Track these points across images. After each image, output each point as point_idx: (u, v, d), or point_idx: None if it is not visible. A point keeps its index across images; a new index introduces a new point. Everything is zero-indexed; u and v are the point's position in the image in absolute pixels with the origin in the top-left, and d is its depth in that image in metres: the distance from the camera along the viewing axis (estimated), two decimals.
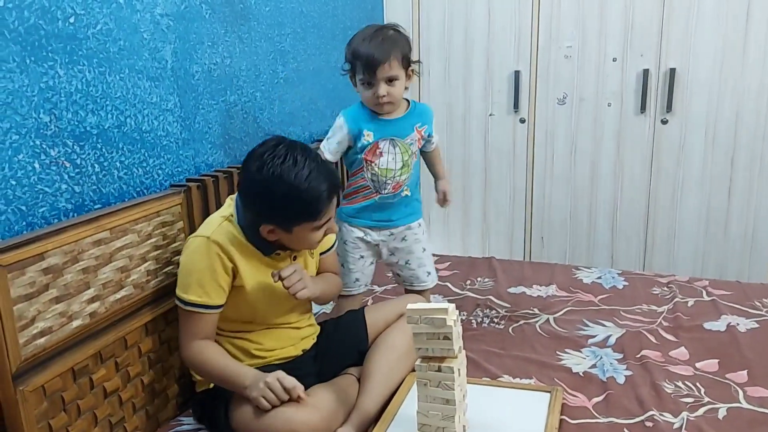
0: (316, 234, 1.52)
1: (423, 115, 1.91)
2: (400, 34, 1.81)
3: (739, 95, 2.82)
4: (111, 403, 1.43)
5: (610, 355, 1.89)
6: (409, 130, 1.87)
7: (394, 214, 1.94)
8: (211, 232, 1.49)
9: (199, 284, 1.47)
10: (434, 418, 1.42)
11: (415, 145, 1.89)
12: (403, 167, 1.87)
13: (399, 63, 1.76)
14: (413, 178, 1.93)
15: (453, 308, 1.41)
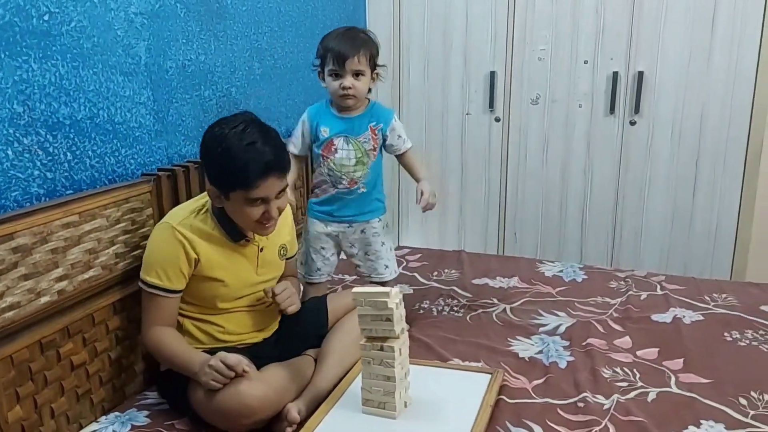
0: (252, 209, 1.55)
1: (380, 116, 2.00)
2: (370, 37, 1.94)
3: (704, 98, 2.92)
4: (78, 375, 1.53)
5: (557, 342, 2.00)
6: (364, 128, 1.97)
7: (352, 210, 2.05)
8: (177, 221, 1.59)
9: (161, 268, 1.56)
10: (377, 393, 1.53)
11: (369, 143, 1.98)
12: (357, 164, 1.97)
13: (366, 60, 1.89)
14: (371, 176, 2.02)
15: (395, 292, 1.51)
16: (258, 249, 1.71)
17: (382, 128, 1.99)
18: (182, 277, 1.59)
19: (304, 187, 2.57)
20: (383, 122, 2.00)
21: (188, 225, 1.59)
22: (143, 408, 1.64)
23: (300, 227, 2.16)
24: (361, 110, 1.98)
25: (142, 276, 1.59)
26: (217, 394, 1.47)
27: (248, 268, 1.69)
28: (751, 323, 2.09)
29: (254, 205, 1.55)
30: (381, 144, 2.02)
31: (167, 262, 1.56)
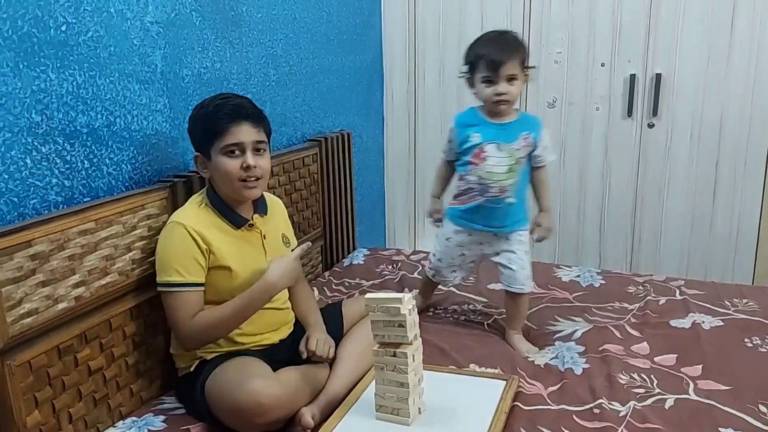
0: (230, 161, 1.60)
1: (530, 125, 1.95)
2: (520, 41, 1.92)
3: (723, 100, 2.88)
4: (95, 380, 1.55)
5: (572, 348, 1.98)
6: (515, 135, 1.90)
7: (499, 219, 1.98)
8: (183, 218, 1.62)
9: (179, 264, 1.58)
10: (390, 399, 1.53)
11: (521, 151, 1.92)
12: (508, 172, 1.90)
13: (519, 64, 1.86)
14: (519, 185, 1.95)
15: (409, 298, 1.51)
16: (261, 236, 1.73)
17: (534, 137, 1.94)
18: (202, 270, 1.61)
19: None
20: (535, 131, 1.94)
21: (194, 219, 1.63)
22: (160, 413, 1.66)
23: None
24: (513, 116, 1.93)
25: (161, 279, 1.60)
26: (232, 393, 1.48)
27: (256, 256, 1.71)
28: None
29: (232, 156, 1.61)
30: (530, 153, 1.95)
31: (184, 258, 1.59)
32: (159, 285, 1.62)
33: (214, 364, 1.61)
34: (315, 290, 2.45)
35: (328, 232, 2.75)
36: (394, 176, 3.54)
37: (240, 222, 1.69)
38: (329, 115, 2.84)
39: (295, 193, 2.44)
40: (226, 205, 1.68)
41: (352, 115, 3.08)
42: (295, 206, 2.44)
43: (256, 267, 1.69)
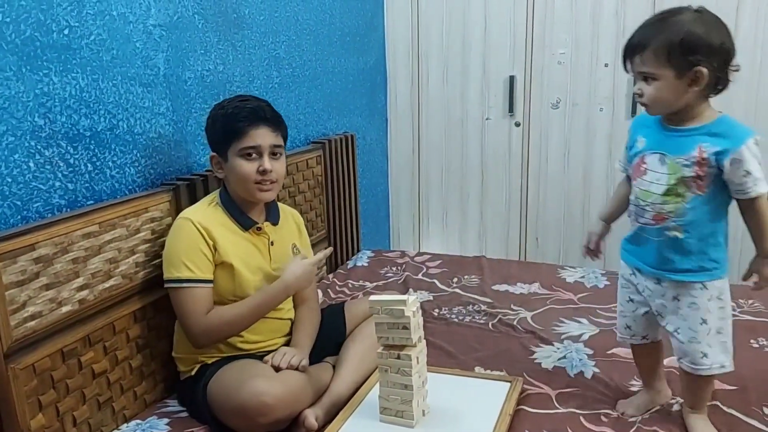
0: (247, 164, 1.64)
1: (724, 135, 1.36)
2: (681, 20, 1.34)
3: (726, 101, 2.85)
4: (99, 384, 1.55)
5: (581, 350, 1.97)
6: (690, 147, 1.38)
7: (659, 259, 1.48)
8: (188, 213, 1.65)
9: (189, 260, 1.59)
10: (394, 402, 1.53)
11: (691, 168, 1.38)
12: (667, 194, 1.41)
13: (656, 57, 1.33)
14: (694, 218, 1.41)
15: (413, 300, 1.51)
16: (268, 242, 1.74)
17: (717, 153, 1.35)
18: (210, 266, 1.62)
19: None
20: (724, 145, 1.35)
21: (201, 216, 1.65)
22: (163, 416, 1.65)
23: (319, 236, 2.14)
24: (698, 122, 1.39)
25: (171, 275, 1.60)
26: (235, 393, 1.48)
27: (261, 259, 1.72)
28: None
29: (249, 159, 1.64)
30: (715, 175, 1.38)
31: (193, 253, 1.60)
32: (168, 281, 1.61)
33: (216, 366, 1.62)
34: (319, 292, 2.45)
35: (333, 234, 2.75)
36: (399, 178, 3.53)
37: (248, 224, 1.70)
38: (333, 117, 2.84)
39: (299, 195, 2.43)
40: (237, 206, 1.70)
41: (356, 117, 3.08)
42: (299, 208, 2.43)
43: (259, 270, 1.70)
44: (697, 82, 1.33)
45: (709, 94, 1.39)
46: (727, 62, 1.35)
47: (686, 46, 1.31)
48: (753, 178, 1.34)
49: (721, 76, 1.35)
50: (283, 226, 1.81)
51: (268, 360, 1.62)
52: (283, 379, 1.54)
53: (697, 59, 1.31)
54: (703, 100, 1.39)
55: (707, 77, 1.33)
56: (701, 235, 1.42)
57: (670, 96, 1.36)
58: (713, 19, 1.36)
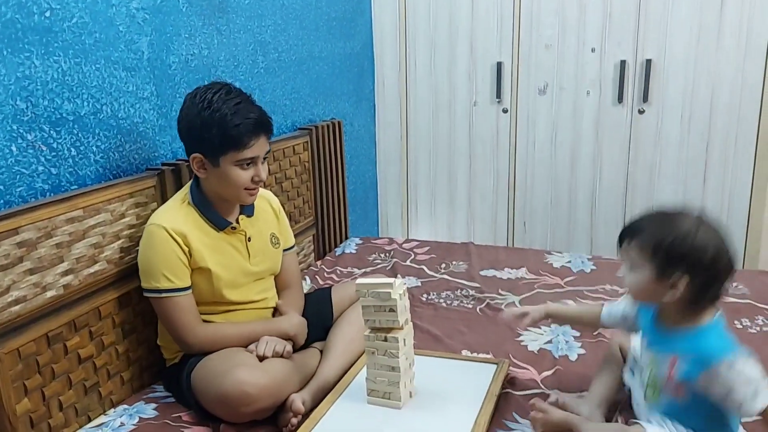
0: (243, 173, 1.59)
1: (697, 352, 1.26)
2: (679, 224, 1.26)
3: (713, 83, 2.89)
4: (85, 369, 1.55)
5: (567, 333, 1.98)
6: (664, 352, 1.32)
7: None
8: (163, 220, 1.59)
9: (167, 270, 1.56)
10: (381, 384, 1.53)
11: (663, 371, 1.31)
12: (647, 387, 1.37)
13: (641, 250, 1.28)
14: (668, 411, 1.33)
15: (399, 283, 1.51)
16: (245, 238, 1.72)
17: (687, 371, 1.26)
18: (188, 271, 1.60)
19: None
20: (695, 363, 1.25)
21: (174, 220, 1.60)
22: (151, 401, 1.65)
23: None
24: (682, 325, 1.30)
25: (149, 285, 1.58)
26: (218, 383, 1.47)
27: (239, 257, 1.70)
28: (761, 311, 2.07)
29: (244, 168, 1.59)
30: (692, 392, 1.27)
31: (170, 262, 1.57)
32: (147, 291, 1.60)
33: (200, 355, 1.60)
34: (307, 279, 2.45)
35: (320, 221, 2.75)
36: (386, 164, 3.53)
37: (222, 224, 1.67)
38: (319, 103, 2.83)
39: (286, 181, 2.43)
40: (211, 206, 1.66)
41: (343, 103, 3.07)
42: (286, 195, 2.43)
43: (237, 269, 1.69)
44: (675, 289, 1.25)
45: (691, 306, 1.28)
46: (714, 282, 1.25)
47: (672, 253, 1.24)
48: (738, 397, 1.21)
49: (704, 293, 1.25)
50: (259, 216, 1.78)
51: (252, 349, 1.62)
52: (266, 369, 1.53)
53: (680, 268, 1.24)
54: (689, 307, 1.29)
55: (685, 290, 1.25)
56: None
57: (646, 291, 1.30)
58: (714, 232, 1.26)
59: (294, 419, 1.50)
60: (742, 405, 1.22)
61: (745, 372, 1.21)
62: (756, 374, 1.22)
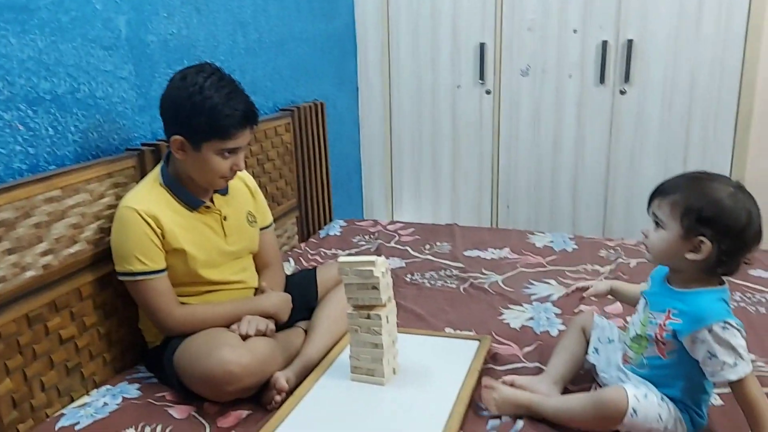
0: (223, 162, 1.58)
1: (688, 312, 1.30)
2: (714, 188, 1.28)
3: (693, 64, 2.91)
4: (67, 349, 1.54)
5: (549, 310, 2.00)
6: (662, 308, 1.35)
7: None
8: (135, 202, 1.56)
9: (140, 253, 1.54)
10: (365, 361, 1.54)
11: (654, 328, 1.35)
12: (634, 341, 1.42)
13: (671, 209, 1.30)
14: (648, 374, 1.38)
15: (381, 261, 1.52)
16: (221, 217, 1.70)
17: (677, 327, 1.31)
18: (162, 254, 1.58)
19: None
20: (686, 322, 1.30)
21: (146, 202, 1.57)
22: (134, 381, 1.65)
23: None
24: (685, 282, 1.34)
25: (124, 268, 1.56)
26: (201, 362, 1.47)
27: (215, 237, 1.68)
28: (738, 287, 2.10)
29: (224, 156, 1.58)
30: (680, 346, 1.32)
31: (143, 245, 1.55)
32: (121, 274, 1.58)
33: (183, 336, 1.59)
34: (291, 260, 2.45)
35: (304, 203, 2.74)
36: (370, 147, 3.52)
37: (195, 204, 1.65)
38: (301, 84, 2.82)
39: (268, 162, 2.42)
40: (183, 187, 1.64)
41: (326, 85, 3.05)
42: (269, 176, 2.42)
43: (214, 249, 1.67)
44: (698, 252, 1.27)
45: (709, 271, 1.30)
46: (740, 250, 1.27)
47: (702, 215, 1.25)
48: (718, 362, 1.25)
49: (725, 259, 1.26)
50: (234, 195, 1.76)
51: (234, 329, 1.61)
52: (250, 348, 1.53)
53: (707, 232, 1.25)
54: (705, 271, 1.31)
55: (709, 253, 1.26)
56: (670, 392, 1.36)
57: (668, 251, 1.31)
58: (749, 202, 1.27)
59: (278, 397, 1.51)
60: (720, 371, 1.26)
61: (732, 340, 1.25)
62: (741, 345, 1.27)
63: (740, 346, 1.26)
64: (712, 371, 1.28)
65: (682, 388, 1.35)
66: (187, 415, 1.50)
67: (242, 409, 1.51)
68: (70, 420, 1.47)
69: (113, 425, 1.45)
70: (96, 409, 1.51)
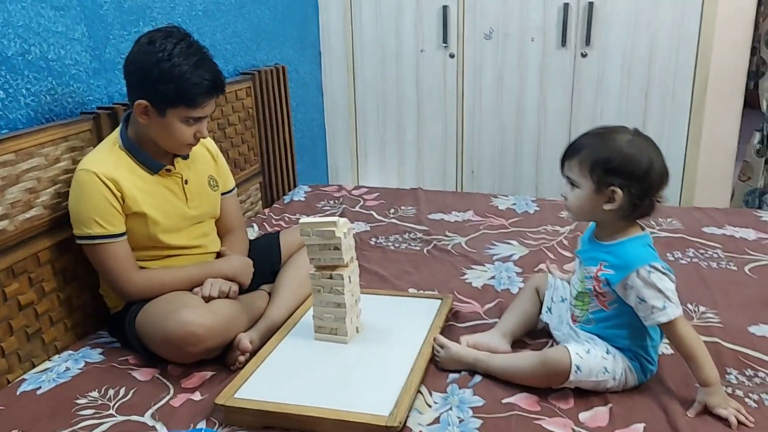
0: (187, 129, 1.57)
1: (617, 260, 1.36)
2: (614, 139, 1.35)
3: (653, 30, 2.94)
4: (26, 315, 1.52)
5: (510, 269, 2.05)
6: (594, 262, 1.41)
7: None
8: (94, 165, 1.54)
9: (98, 216, 1.52)
10: (328, 320, 1.56)
11: (591, 282, 1.41)
12: (577, 298, 1.47)
13: (580, 168, 1.36)
14: (596, 330, 1.43)
15: (343, 221, 1.53)
16: (182, 181, 1.69)
17: (609, 276, 1.37)
18: (121, 218, 1.56)
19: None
20: (616, 270, 1.36)
21: (105, 165, 1.55)
22: (97, 346, 1.64)
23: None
24: (614, 239, 1.40)
25: (82, 231, 1.54)
26: (163, 324, 1.47)
27: (176, 201, 1.67)
28: (692, 243, 2.17)
29: (189, 124, 1.57)
30: (618, 297, 1.38)
31: (102, 208, 1.53)
32: (79, 238, 1.56)
33: (144, 300, 1.59)
34: (255, 226, 2.44)
35: (267, 169, 2.72)
36: (334, 113, 3.50)
37: (156, 167, 1.63)
38: (262, 48, 2.77)
39: (230, 127, 2.39)
40: (142, 149, 1.61)
41: (287, 49, 3.01)
42: (230, 141, 2.40)
43: (175, 213, 1.66)
44: (613, 202, 1.34)
45: (627, 217, 1.37)
46: (649, 191, 1.34)
47: (608, 166, 1.32)
48: (647, 306, 1.32)
49: (638, 203, 1.34)
50: (195, 159, 1.74)
51: (197, 292, 1.61)
52: (213, 309, 1.53)
53: (616, 181, 1.32)
54: (625, 219, 1.38)
55: (622, 200, 1.33)
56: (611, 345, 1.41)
57: (587, 207, 1.38)
58: (648, 145, 1.35)
59: (242, 357, 1.52)
60: (651, 315, 1.33)
61: (659, 284, 1.32)
62: (669, 289, 1.33)
63: (668, 289, 1.33)
64: (644, 315, 1.34)
65: (627, 336, 1.40)
66: (151, 377, 1.51)
67: (206, 370, 1.52)
68: (32, 385, 1.46)
69: (76, 389, 1.45)
70: (58, 373, 1.51)
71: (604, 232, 1.42)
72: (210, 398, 1.40)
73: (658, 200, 1.37)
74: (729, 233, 2.26)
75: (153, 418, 1.35)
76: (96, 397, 1.43)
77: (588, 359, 1.37)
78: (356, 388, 1.40)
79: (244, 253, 1.83)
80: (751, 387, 1.40)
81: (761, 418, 1.30)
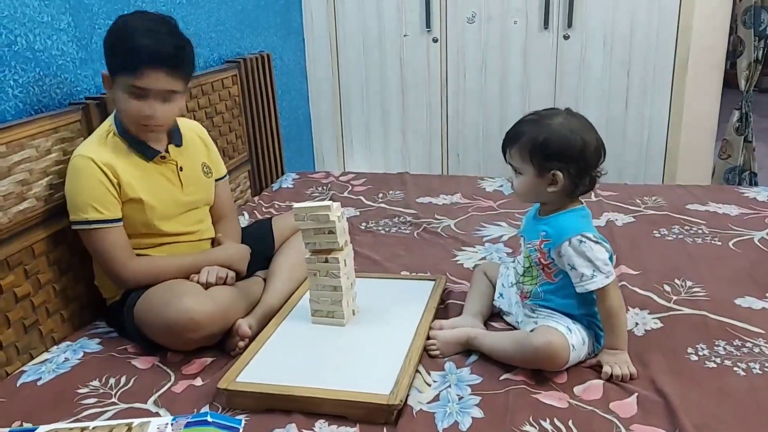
0: (132, 102, 1.52)
1: (552, 230, 1.43)
2: (548, 124, 1.39)
3: (632, 10, 2.98)
4: (23, 307, 1.52)
5: (500, 249, 2.08)
6: (536, 235, 1.47)
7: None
8: (90, 151, 1.54)
9: (95, 201, 1.52)
10: (324, 303, 1.58)
11: (536, 255, 1.47)
12: (524, 274, 1.53)
13: (520, 154, 1.42)
14: (545, 302, 1.48)
15: (337, 206, 1.54)
16: (177, 167, 1.69)
17: (548, 245, 1.44)
18: (118, 204, 1.56)
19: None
20: (551, 238, 1.43)
21: (101, 152, 1.55)
22: (94, 336, 1.64)
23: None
24: (550, 211, 1.47)
25: (78, 217, 1.53)
26: (163, 312, 1.47)
27: (171, 188, 1.67)
28: (677, 220, 2.22)
29: (134, 97, 1.52)
30: (559, 271, 1.45)
31: (98, 194, 1.53)
32: (75, 223, 1.55)
33: (142, 289, 1.58)
34: (245, 214, 2.45)
35: (255, 157, 2.72)
36: (319, 99, 3.50)
37: (151, 154, 1.63)
38: (246, 36, 2.76)
39: (217, 116, 2.39)
40: (133, 136, 1.60)
41: (271, 36, 3.00)
42: (218, 129, 2.40)
43: (171, 200, 1.66)
44: (555, 184, 1.40)
45: (571, 195, 1.44)
46: (586, 169, 1.39)
47: (545, 151, 1.38)
48: (577, 273, 1.39)
49: (578, 181, 1.40)
50: (188, 146, 1.74)
51: (194, 278, 1.62)
52: (212, 296, 1.54)
53: (555, 165, 1.38)
54: (570, 197, 1.45)
55: (564, 182, 1.39)
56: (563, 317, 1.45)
57: (532, 190, 1.45)
58: (580, 125, 1.40)
59: (241, 343, 1.54)
60: (581, 282, 1.39)
61: (589, 253, 1.38)
62: (600, 258, 1.39)
63: (598, 258, 1.38)
64: (575, 282, 1.41)
65: (576, 305, 1.45)
66: (151, 365, 1.52)
67: (206, 356, 1.53)
68: (32, 376, 1.47)
69: (77, 378, 1.46)
70: (57, 364, 1.51)
71: (547, 209, 1.48)
72: (211, 384, 1.41)
73: (597, 175, 1.43)
74: (712, 209, 2.31)
75: (156, 405, 1.37)
76: (97, 386, 1.43)
77: (575, 335, 1.41)
78: (356, 369, 1.42)
79: (238, 239, 1.84)
80: (739, 356, 1.44)
81: (749, 387, 1.34)
